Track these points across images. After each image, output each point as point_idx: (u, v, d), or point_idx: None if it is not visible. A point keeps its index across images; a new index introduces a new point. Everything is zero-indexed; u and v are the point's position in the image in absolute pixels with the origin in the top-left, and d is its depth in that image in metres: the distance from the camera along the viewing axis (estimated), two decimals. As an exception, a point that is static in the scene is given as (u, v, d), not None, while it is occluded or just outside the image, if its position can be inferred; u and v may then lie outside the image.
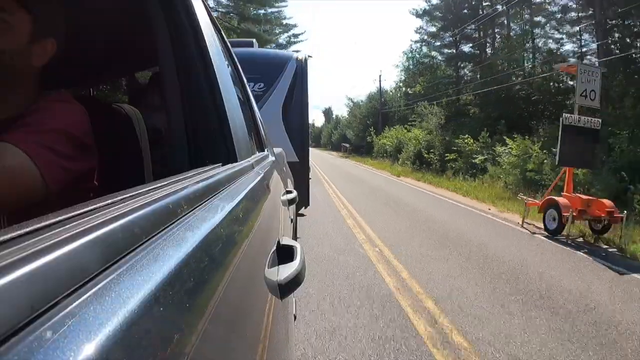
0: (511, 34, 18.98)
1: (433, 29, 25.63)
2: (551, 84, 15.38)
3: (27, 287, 0.22)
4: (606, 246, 6.19)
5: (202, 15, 1.00)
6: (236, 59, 1.76)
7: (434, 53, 26.05)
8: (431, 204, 10.07)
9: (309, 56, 6.48)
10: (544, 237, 6.51)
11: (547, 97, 15.17)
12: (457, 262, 4.97)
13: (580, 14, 17.44)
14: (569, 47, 18.41)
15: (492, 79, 17.41)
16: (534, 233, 6.82)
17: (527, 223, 7.44)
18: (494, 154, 14.16)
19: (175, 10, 0.90)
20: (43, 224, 0.30)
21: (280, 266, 0.80)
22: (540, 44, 18.97)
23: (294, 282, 0.78)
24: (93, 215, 0.35)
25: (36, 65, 0.81)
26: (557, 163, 7.28)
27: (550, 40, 18.98)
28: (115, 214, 0.35)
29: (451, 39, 23.73)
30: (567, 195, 6.73)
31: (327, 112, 78.90)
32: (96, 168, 0.84)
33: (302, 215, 6.79)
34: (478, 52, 22.71)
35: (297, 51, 7.03)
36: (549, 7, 18.51)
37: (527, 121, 14.84)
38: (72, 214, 0.34)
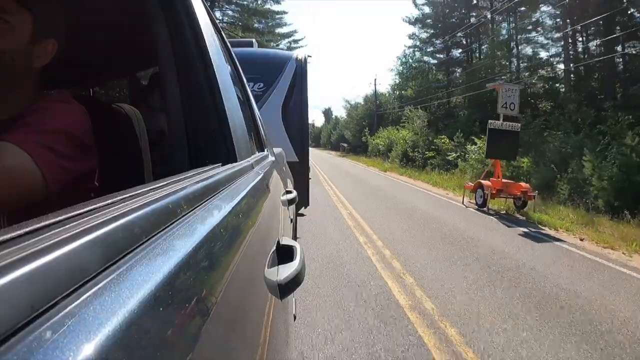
0: (495, 41, 20.38)
1: (425, 35, 27.28)
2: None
3: (27, 287, 0.22)
4: (519, 215, 8.79)
5: (202, 15, 1.00)
6: (236, 59, 1.76)
7: (426, 58, 28.05)
8: (403, 191, 12.92)
9: (308, 56, 6.48)
10: (475, 209, 9.26)
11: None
12: (407, 223, 7.47)
13: (556, 23, 19.14)
14: (550, 52, 20.12)
15: (476, 83, 19.00)
16: (468, 207, 9.62)
17: (468, 201, 10.11)
18: (465, 152, 16.62)
19: (175, 10, 0.90)
20: (43, 224, 0.30)
21: (280, 266, 0.80)
22: (524, 50, 20.57)
23: (294, 282, 0.78)
24: (93, 215, 0.35)
25: (37, 66, 0.81)
26: (485, 156, 10.74)
27: (531, 47, 20.63)
28: (115, 214, 0.35)
29: (442, 45, 25.68)
30: (493, 180, 9.18)
31: (327, 113, 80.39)
32: (97, 168, 0.84)
33: (301, 215, 6.83)
34: (465, 58, 24.34)
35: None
36: (529, 19, 20.04)
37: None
38: (72, 214, 0.34)
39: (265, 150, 2.02)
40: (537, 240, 6.51)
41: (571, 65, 17.13)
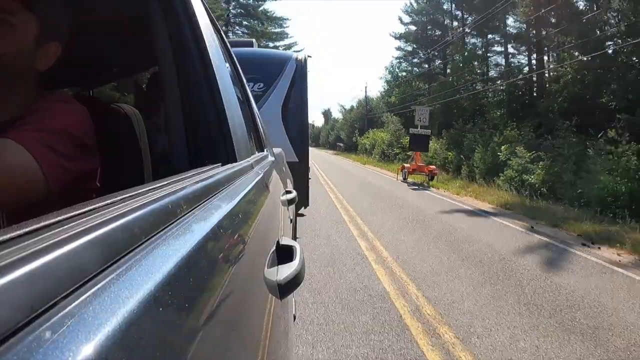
0: (465, 55, 23.64)
1: (409, 49, 31.75)
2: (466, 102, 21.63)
3: (27, 287, 0.22)
4: (425, 184, 14.26)
5: (202, 16, 1.00)
6: (236, 59, 1.76)
7: (410, 68, 32.59)
8: (368, 175, 19.12)
9: (308, 56, 6.48)
10: (401, 181, 15.20)
11: (467, 110, 21.47)
12: (360, 189, 12.93)
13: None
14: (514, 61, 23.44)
15: (448, 92, 22.54)
16: (398, 180, 15.51)
17: (402, 178, 15.68)
18: None
19: (175, 11, 0.90)
20: (43, 224, 0.30)
21: (279, 266, 0.80)
22: (496, 60, 24.54)
23: (294, 282, 0.78)
24: (92, 215, 0.35)
25: (40, 69, 0.82)
26: (408, 150, 17.82)
27: (497, 58, 24.49)
28: (115, 214, 0.35)
29: (424, 57, 30.17)
30: (413, 164, 15.24)
31: (326, 114, 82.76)
32: (98, 169, 0.84)
33: (301, 215, 6.83)
34: (443, 69, 28.31)
35: (297, 51, 7.34)
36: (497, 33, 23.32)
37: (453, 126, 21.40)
38: (72, 214, 0.34)
39: (265, 150, 2.02)
40: (425, 194, 12.07)
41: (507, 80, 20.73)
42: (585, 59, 14.29)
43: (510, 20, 22.27)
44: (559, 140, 12.53)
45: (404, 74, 32.28)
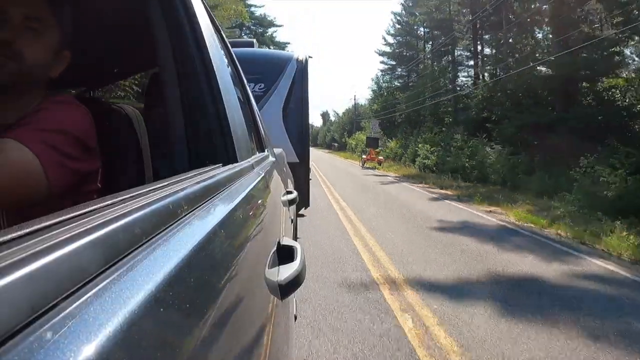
0: (435, 70, 27.94)
1: (392, 64, 37.54)
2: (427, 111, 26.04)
3: (28, 287, 0.22)
4: (374, 169, 22.75)
5: (202, 15, 1.00)
6: (236, 59, 1.76)
7: (391, 81, 38.32)
8: (343, 164, 28.14)
9: (309, 56, 6.47)
10: (360, 167, 23.77)
11: (426, 116, 26.23)
12: (336, 172, 20.68)
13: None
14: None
15: (410, 103, 28.15)
16: (359, 166, 24.45)
17: (364, 166, 24.19)
18: (385, 147, 28.67)
19: (175, 11, 0.90)
20: (43, 224, 0.30)
21: (280, 266, 0.80)
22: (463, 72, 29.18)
23: (295, 282, 0.78)
24: (93, 216, 0.35)
25: (52, 76, 0.82)
26: (365, 146, 27.32)
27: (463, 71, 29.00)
28: (116, 215, 0.35)
29: (403, 71, 36.20)
30: (368, 156, 24.36)
31: (325, 115, 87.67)
32: (99, 170, 0.84)
33: (302, 215, 6.83)
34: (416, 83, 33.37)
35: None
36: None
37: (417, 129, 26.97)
38: (73, 214, 0.34)
39: (266, 150, 2.02)
40: (369, 172, 20.54)
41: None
42: (483, 86, 20.72)
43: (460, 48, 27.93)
44: (452, 140, 19.61)
45: (386, 84, 38.05)
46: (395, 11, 35.82)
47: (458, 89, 24.86)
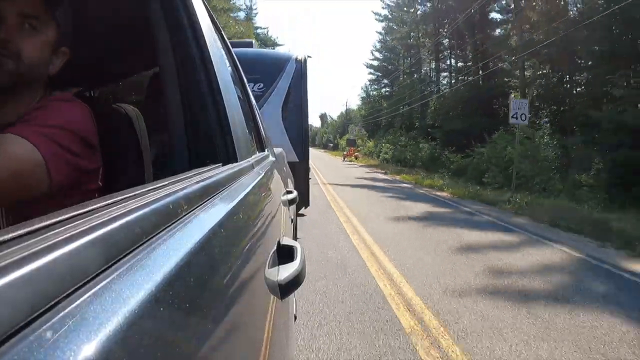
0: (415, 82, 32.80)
1: (379, 74, 42.70)
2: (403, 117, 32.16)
3: (28, 287, 0.22)
4: (352, 162, 30.54)
5: (202, 15, 1.00)
6: (236, 59, 1.76)
7: (378, 90, 44.47)
8: (331, 159, 35.63)
9: (308, 56, 6.47)
10: (342, 161, 31.98)
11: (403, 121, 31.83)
12: (324, 163, 27.28)
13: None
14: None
15: (396, 107, 32.95)
16: (341, 161, 31.80)
17: (345, 160, 32.84)
18: (364, 146, 36.14)
19: (176, 10, 0.90)
20: (44, 223, 0.30)
21: (280, 266, 0.80)
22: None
23: (295, 282, 0.78)
24: (93, 215, 0.35)
25: (51, 74, 0.82)
26: (346, 145, 37.77)
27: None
28: (116, 214, 0.35)
29: (388, 82, 41.69)
30: (347, 153, 33.58)
31: (323, 117, 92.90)
32: (100, 168, 0.84)
33: (302, 215, 6.83)
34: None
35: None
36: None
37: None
38: (73, 213, 0.34)
39: (266, 150, 2.02)
40: (346, 164, 27.83)
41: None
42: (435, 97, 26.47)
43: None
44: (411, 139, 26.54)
45: (374, 93, 44.40)
46: (379, 31, 40.86)
47: (423, 100, 29.92)
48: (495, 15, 22.79)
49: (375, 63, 41.93)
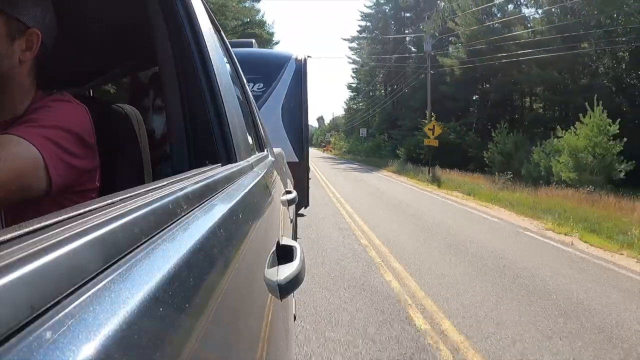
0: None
1: (356, 93, 55.50)
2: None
3: (27, 287, 0.22)
4: (330, 154, 50.94)
5: (202, 15, 1.00)
6: (236, 59, 1.76)
7: (358, 103, 56.45)
8: (323, 156, 46.66)
9: (308, 56, 6.47)
10: (322, 153, 56.28)
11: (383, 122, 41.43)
12: (316, 158, 33.46)
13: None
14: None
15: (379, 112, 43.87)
16: (321, 152, 58.88)
17: (323, 154, 52.96)
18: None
19: (176, 10, 0.90)
20: (43, 224, 0.30)
21: (279, 266, 0.80)
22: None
23: (294, 282, 0.78)
24: (93, 216, 0.35)
25: (27, 60, 0.79)
26: (326, 146, 64.15)
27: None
28: (115, 214, 0.35)
29: (364, 98, 53.13)
30: (325, 148, 63.11)
31: (320, 119, 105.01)
32: (98, 168, 0.84)
33: (301, 215, 6.83)
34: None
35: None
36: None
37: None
38: (72, 214, 0.34)
39: (265, 150, 2.02)
40: (321, 155, 47.08)
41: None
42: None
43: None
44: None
45: (354, 106, 56.72)
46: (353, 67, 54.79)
47: (372, 114, 44.09)
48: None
49: (354, 84, 56.65)
